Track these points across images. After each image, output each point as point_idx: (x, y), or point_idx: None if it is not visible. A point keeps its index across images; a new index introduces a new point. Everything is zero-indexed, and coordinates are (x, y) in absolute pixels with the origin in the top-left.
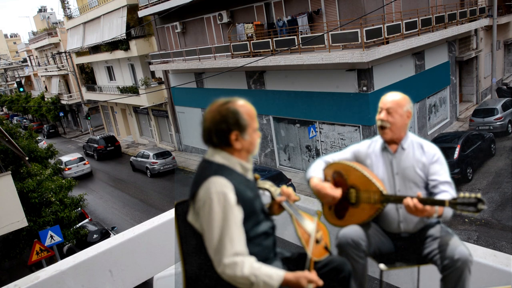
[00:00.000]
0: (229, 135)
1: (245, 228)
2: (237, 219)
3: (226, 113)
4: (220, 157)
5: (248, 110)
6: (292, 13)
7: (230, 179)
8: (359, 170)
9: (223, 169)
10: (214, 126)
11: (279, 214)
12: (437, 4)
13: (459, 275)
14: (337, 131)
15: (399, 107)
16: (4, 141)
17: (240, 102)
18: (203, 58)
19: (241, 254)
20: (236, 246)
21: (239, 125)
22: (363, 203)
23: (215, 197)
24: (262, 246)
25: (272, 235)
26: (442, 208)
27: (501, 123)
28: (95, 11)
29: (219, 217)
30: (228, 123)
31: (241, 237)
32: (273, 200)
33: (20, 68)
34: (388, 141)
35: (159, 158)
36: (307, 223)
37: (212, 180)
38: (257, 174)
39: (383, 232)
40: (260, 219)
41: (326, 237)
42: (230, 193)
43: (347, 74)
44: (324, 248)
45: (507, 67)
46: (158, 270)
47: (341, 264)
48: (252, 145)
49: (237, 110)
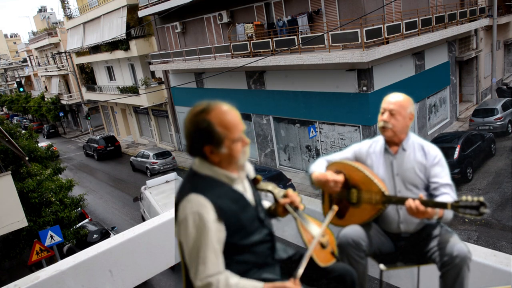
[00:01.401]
0: (202, 149)
1: (233, 241)
2: (212, 241)
3: (197, 125)
4: (205, 168)
5: (222, 120)
6: (292, 13)
7: (211, 196)
8: (361, 170)
9: (206, 182)
10: (188, 138)
11: (284, 217)
12: (437, 4)
13: (458, 272)
14: (337, 131)
15: (402, 109)
16: (4, 141)
17: (216, 111)
18: (203, 58)
19: (215, 274)
20: (209, 268)
21: (211, 139)
22: (364, 204)
23: (190, 218)
24: (257, 254)
25: (270, 241)
26: (443, 211)
27: (501, 123)
28: (95, 11)
29: (192, 239)
30: (199, 137)
31: (216, 258)
32: (277, 203)
33: (20, 68)
34: (389, 142)
35: (159, 158)
36: (313, 228)
37: (189, 199)
38: (259, 175)
39: (383, 232)
40: (251, 229)
41: (333, 244)
42: (207, 213)
43: (347, 74)
44: (330, 253)
45: (507, 67)
46: (158, 270)
47: (344, 273)
48: (232, 157)
49: (209, 122)
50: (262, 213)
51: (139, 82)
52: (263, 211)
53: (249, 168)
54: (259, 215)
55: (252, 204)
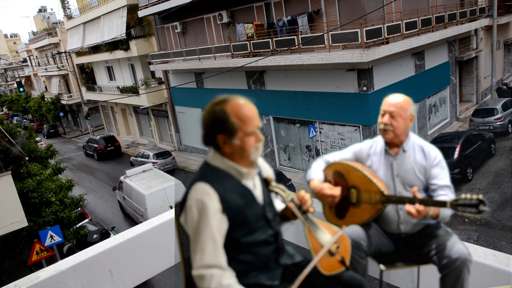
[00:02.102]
0: (216, 138)
1: (235, 235)
2: (212, 230)
3: (213, 114)
4: (216, 160)
5: (240, 113)
6: (292, 13)
7: (217, 186)
8: (360, 170)
9: (215, 173)
10: (204, 127)
11: (295, 220)
12: (437, 4)
13: (458, 274)
14: (337, 131)
15: (403, 111)
16: (4, 141)
17: (233, 102)
18: (203, 58)
19: (212, 266)
20: (206, 258)
21: (225, 129)
22: (364, 204)
23: (194, 204)
24: (258, 254)
25: (274, 243)
26: (438, 209)
27: (501, 123)
28: (95, 11)
29: (194, 225)
30: (215, 125)
31: (215, 249)
32: (286, 205)
33: (20, 68)
34: (390, 144)
35: (159, 158)
36: (322, 234)
37: (196, 187)
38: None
39: (383, 232)
40: (255, 227)
41: (345, 252)
42: (211, 201)
43: (347, 74)
44: (339, 262)
45: (507, 67)
46: (158, 270)
47: (350, 280)
48: (244, 150)
49: (225, 112)
50: (270, 213)
51: (139, 82)
52: (272, 211)
53: (265, 167)
54: (266, 215)
55: (260, 202)
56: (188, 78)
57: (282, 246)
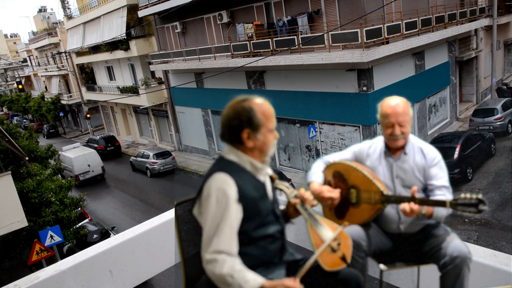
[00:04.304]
0: (241, 132)
1: (246, 228)
2: (231, 217)
3: (240, 110)
4: (232, 154)
5: (263, 110)
6: (292, 13)
7: (235, 177)
8: (360, 170)
9: (231, 166)
10: (227, 122)
11: (295, 217)
12: (437, 4)
13: (458, 272)
14: (337, 131)
15: (407, 116)
16: (4, 141)
17: (257, 100)
18: (203, 58)
19: (225, 252)
20: (222, 243)
21: (251, 123)
22: (364, 203)
23: (213, 193)
24: (265, 249)
25: (280, 239)
26: (432, 209)
27: (501, 123)
28: (95, 11)
29: (213, 212)
30: (240, 120)
31: (231, 236)
32: (288, 203)
33: (20, 68)
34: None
35: (159, 158)
36: (323, 230)
37: (215, 176)
38: (274, 174)
39: (383, 232)
40: (266, 221)
41: (346, 248)
42: (230, 190)
43: (347, 74)
44: (340, 258)
45: (507, 67)
46: (158, 270)
47: (348, 276)
48: (266, 145)
49: (251, 108)
50: (278, 209)
51: (139, 82)
52: (278, 208)
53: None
54: (275, 210)
55: (270, 197)
56: (188, 78)
57: (286, 243)
